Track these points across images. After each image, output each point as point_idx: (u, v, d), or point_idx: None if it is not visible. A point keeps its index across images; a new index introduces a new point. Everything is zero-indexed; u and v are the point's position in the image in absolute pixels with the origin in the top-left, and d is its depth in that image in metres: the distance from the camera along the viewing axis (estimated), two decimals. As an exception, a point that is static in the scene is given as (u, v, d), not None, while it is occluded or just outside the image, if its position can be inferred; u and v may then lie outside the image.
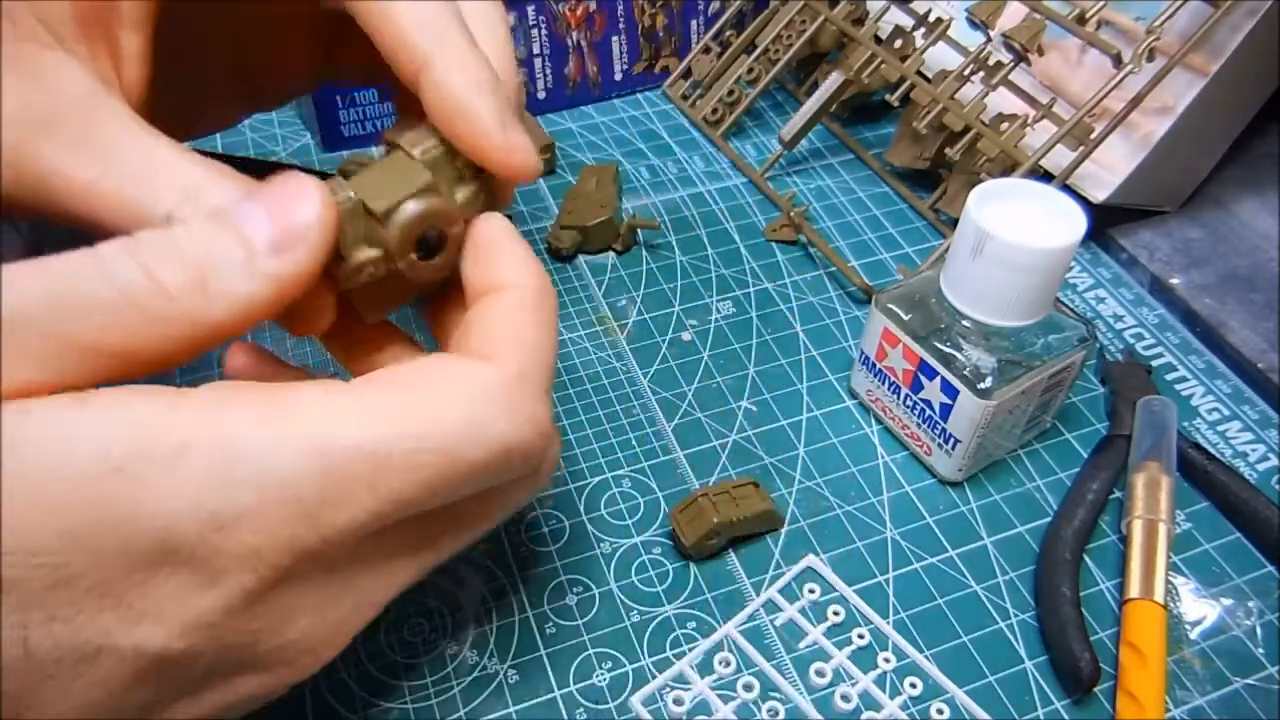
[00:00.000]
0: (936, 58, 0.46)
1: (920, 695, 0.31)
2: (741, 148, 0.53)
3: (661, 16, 0.55)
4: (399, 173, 0.23)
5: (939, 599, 0.33)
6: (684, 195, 0.49)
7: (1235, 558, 0.34)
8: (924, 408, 0.35)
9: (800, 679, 0.31)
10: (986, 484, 0.37)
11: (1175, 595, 0.33)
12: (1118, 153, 0.44)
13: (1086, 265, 0.46)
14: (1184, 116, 0.42)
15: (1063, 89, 0.47)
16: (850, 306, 0.44)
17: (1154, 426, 0.36)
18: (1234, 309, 0.43)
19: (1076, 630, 0.31)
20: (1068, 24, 0.41)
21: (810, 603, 0.33)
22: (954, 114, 0.44)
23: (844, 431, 0.38)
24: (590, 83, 0.55)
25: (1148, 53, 0.39)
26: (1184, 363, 0.42)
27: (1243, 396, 0.40)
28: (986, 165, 0.43)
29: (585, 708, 0.30)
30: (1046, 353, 0.33)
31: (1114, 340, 0.42)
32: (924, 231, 0.48)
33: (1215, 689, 0.31)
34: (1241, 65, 0.42)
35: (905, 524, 0.35)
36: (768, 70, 0.52)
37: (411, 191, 0.23)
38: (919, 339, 0.34)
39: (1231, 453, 0.38)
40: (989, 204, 0.32)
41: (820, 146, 0.53)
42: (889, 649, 0.32)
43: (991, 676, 0.31)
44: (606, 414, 0.39)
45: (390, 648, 0.31)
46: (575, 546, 0.34)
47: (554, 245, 0.45)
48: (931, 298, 0.34)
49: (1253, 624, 0.33)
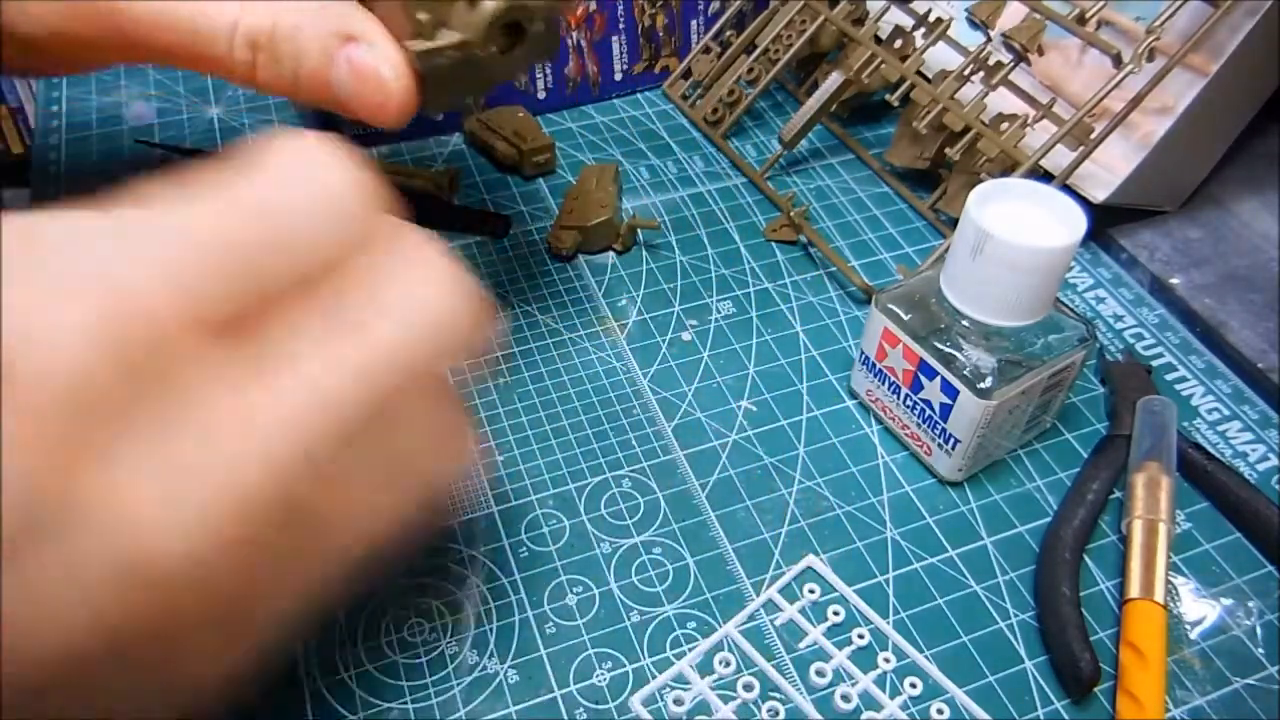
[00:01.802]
0: (936, 58, 0.46)
1: (920, 695, 0.31)
2: (741, 148, 0.53)
3: (661, 16, 0.55)
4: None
5: (939, 599, 0.33)
6: (684, 195, 0.49)
7: (1235, 558, 0.34)
8: (924, 408, 0.35)
9: (800, 679, 0.31)
10: (986, 484, 0.37)
11: (1175, 595, 0.33)
12: (1118, 153, 0.44)
13: (1086, 265, 0.46)
14: (1184, 116, 0.42)
15: (1063, 89, 0.47)
16: (850, 306, 0.44)
17: (1154, 426, 0.36)
18: (1234, 309, 0.43)
19: (1076, 630, 0.31)
20: (1068, 24, 0.41)
21: (810, 603, 0.33)
22: (954, 114, 0.44)
23: (844, 431, 0.38)
24: (590, 83, 0.55)
25: (1148, 53, 0.39)
26: (1184, 363, 0.42)
27: (1243, 396, 0.40)
28: (986, 165, 0.43)
29: (585, 708, 0.30)
30: (1046, 353, 0.33)
31: (1114, 340, 0.42)
32: (924, 231, 0.48)
33: (1215, 689, 0.31)
34: (1241, 65, 0.42)
35: (905, 524, 0.35)
36: (768, 70, 0.52)
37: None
38: (919, 339, 0.34)
39: (1231, 453, 0.38)
40: (989, 204, 0.32)
41: (820, 146, 0.53)
42: (889, 649, 0.32)
43: (991, 676, 0.31)
44: (607, 414, 0.39)
45: (390, 648, 0.31)
46: (575, 546, 0.34)
47: (554, 245, 0.45)
48: (931, 298, 0.34)
49: (1253, 624, 0.33)
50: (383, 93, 0.25)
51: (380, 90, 0.25)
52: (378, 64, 0.25)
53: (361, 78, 0.25)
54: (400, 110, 0.26)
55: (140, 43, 0.26)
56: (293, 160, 0.19)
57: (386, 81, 0.25)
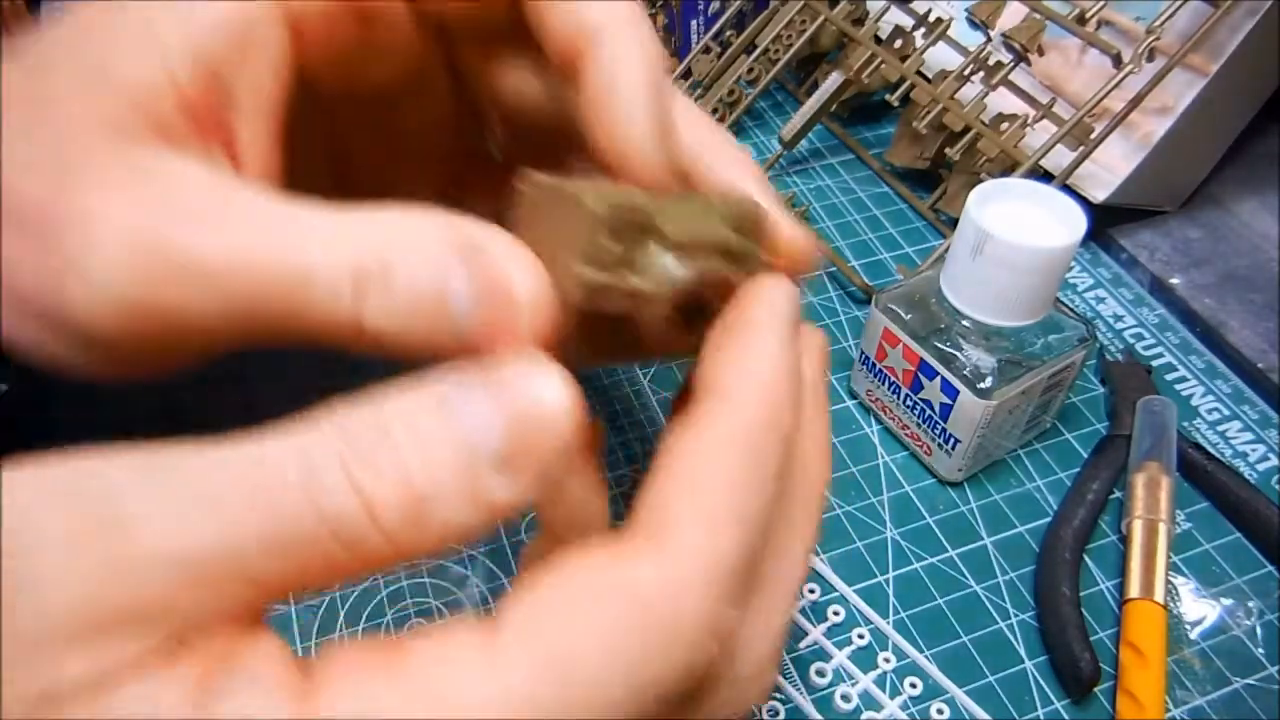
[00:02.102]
0: (936, 58, 0.46)
1: (920, 695, 0.31)
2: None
3: (661, 16, 0.55)
4: (697, 214, 0.19)
5: (939, 599, 0.33)
6: (684, 195, 0.49)
7: (1235, 558, 0.34)
8: (924, 408, 0.35)
9: (800, 679, 0.31)
10: (986, 484, 0.37)
11: (1175, 595, 0.33)
12: (1118, 153, 0.44)
13: (1086, 265, 0.46)
14: (1184, 116, 0.42)
15: (1063, 89, 0.47)
16: (850, 306, 0.44)
17: (1154, 426, 0.36)
18: (1234, 309, 0.43)
19: (1076, 630, 0.31)
20: (1068, 24, 0.41)
21: (810, 603, 0.33)
22: (954, 114, 0.44)
23: (844, 431, 0.38)
24: (590, 83, 0.55)
25: (1148, 53, 0.39)
26: (1184, 363, 0.42)
27: (1243, 396, 0.40)
28: (986, 165, 0.43)
29: (585, 708, 0.30)
30: (1046, 353, 0.33)
31: (1114, 340, 0.42)
32: (924, 231, 0.48)
33: (1215, 689, 0.31)
34: (1241, 65, 0.42)
35: (905, 524, 0.35)
36: (768, 70, 0.52)
37: (713, 239, 0.18)
38: (919, 339, 0.34)
39: (1231, 453, 0.38)
40: (989, 204, 0.32)
41: (820, 146, 0.53)
42: (889, 649, 0.32)
43: (991, 676, 0.31)
44: (607, 414, 0.39)
45: (390, 648, 0.31)
46: (575, 546, 0.34)
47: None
48: (931, 298, 0.34)
49: (1253, 624, 0.33)
50: (511, 309, 0.17)
51: (509, 306, 0.17)
52: (510, 271, 0.17)
53: (489, 287, 0.17)
54: (533, 336, 0.17)
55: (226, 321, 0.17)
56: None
57: (518, 294, 0.17)
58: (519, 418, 0.16)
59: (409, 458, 0.15)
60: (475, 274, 0.17)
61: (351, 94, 0.22)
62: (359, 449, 0.15)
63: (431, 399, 0.16)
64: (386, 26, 0.21)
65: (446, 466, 0.15)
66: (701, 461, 0.17)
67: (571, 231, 0.18)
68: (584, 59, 0.20)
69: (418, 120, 0.25)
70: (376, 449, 0.15)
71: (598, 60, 0.20)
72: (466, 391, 0.16)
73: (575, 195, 0.18)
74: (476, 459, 0.16)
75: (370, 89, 0.22)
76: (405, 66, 0.22)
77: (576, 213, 0.17)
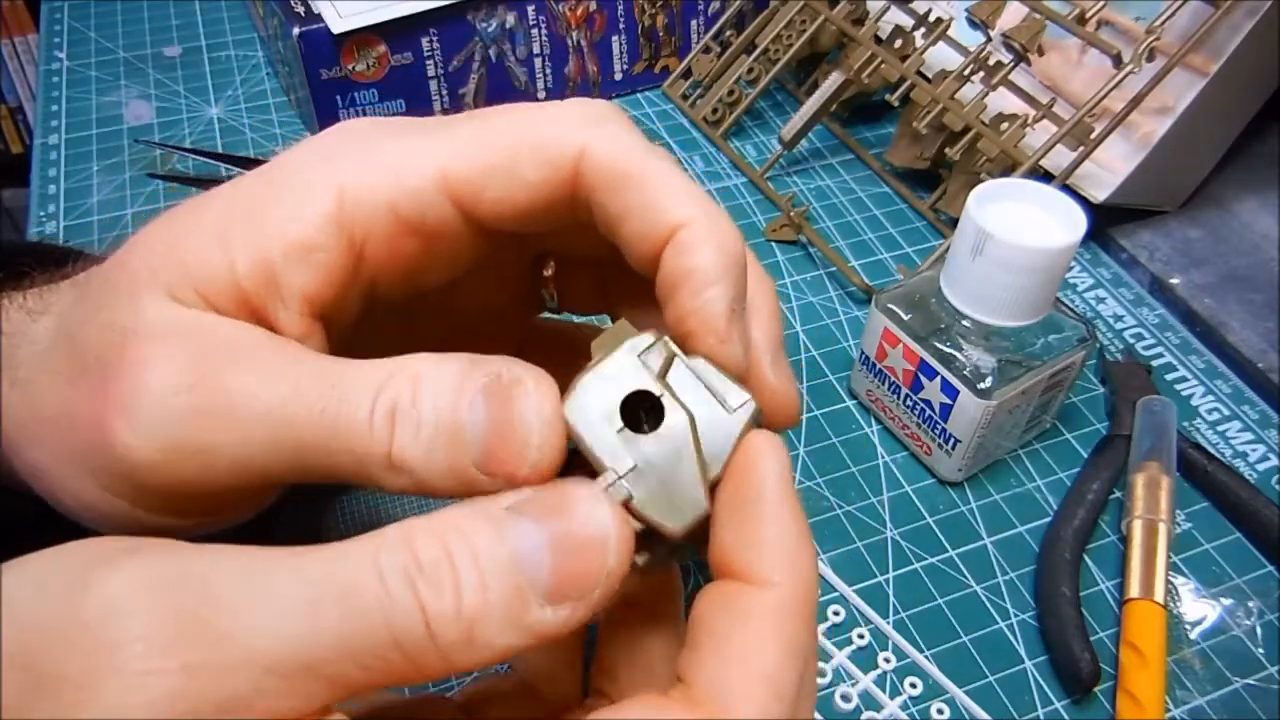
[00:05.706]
0: (936, 58, 0.46)
1: (920, 695, 0.31)
2: (741, 148, 0.53)
3: (661, 16, 0.55)
4: (681, 477, 0.19)
5: (939, 599, 0.33)
6: (684, 195, 0.49)
7: (1235, 558, 0.34)
8: (924, 408, 0.35)
9: (800, 679, 0.31)
10: (986, 484, 0.37)
11: (1175, 595, 0.33)
12: (1118, 153, 0.44)
13: (1086, 265, 0.46)
14: (1184, 116, 0.42)
15: (1063, 89, 0.47)
16: (850, 306, 0.44)
17: (1154, 426, 0.36)
18: (1234, 309, 0.43)
19: (1076, 630, 0.31)
20: (1068, 24, 0.41)
21: (810, 603, 0.33)
22: (954, 114, 0.44)
23: (844, 431, 0.38)
24: (590, 83, 0.55)
25: (1148, 53, 0.39)
26: (1184, 363, 0.42)
27: (1243, 396, 0.40)
28: (986, 165, 0.43)
29: (585, 708, 0.30)
30: (1046, 353, 0.33)
31: (1114, 340, 0.42)
32: (924, 231, 0.48)
33: (1215, 689, 0.31)
34: (1241, 65, 0.42)
35: (905, 524, 0.35)
36: (768, 70, 0.52)
37: (699, 498, 0.19)
38: (919, 339, 0.34)
39: (1231, 453, 0.38)
40: (989, 204, 0.32)
41: (820, 146, 0.53)
42: (889, 649, 0.32)
43: (991, 676, 0.31)
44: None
45: (390, 648, 0.31)
46: (575, 546, 0.34)
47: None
48: (931, 298, 0.34)
49: (1253, 624, 0.33)
50: (522, 446, 0.18)
51: (522, 444, 0.18)
52: (524, 407, 0.18)
53: (501, 413, 0.18)
54: (534, 473, 0.18)
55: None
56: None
57: (530, 432, 0.18)
58: (568, 551, 0.17)
59: (465, 580, 0.16)
60: (489, 402, 0.18)
61: (418, 291, 0.23)
62: (423, 565, 0.16)
63: (488, 521, 0.17)
64: (448, 241, 0.22)
65: (497, 592, 0.17)
66: (753, 648, 0.18)
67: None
68: (670, 245, 0.21)
69: (480, 302, 0.27)
70: (438, 567, 0.16)
71: (684, 245, 0.20)
72: (518, 517, 0.17)
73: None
74: (525, 589, 0.17)
75: (435, 285, 0.23)
76: (466, 265, 0.24)
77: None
